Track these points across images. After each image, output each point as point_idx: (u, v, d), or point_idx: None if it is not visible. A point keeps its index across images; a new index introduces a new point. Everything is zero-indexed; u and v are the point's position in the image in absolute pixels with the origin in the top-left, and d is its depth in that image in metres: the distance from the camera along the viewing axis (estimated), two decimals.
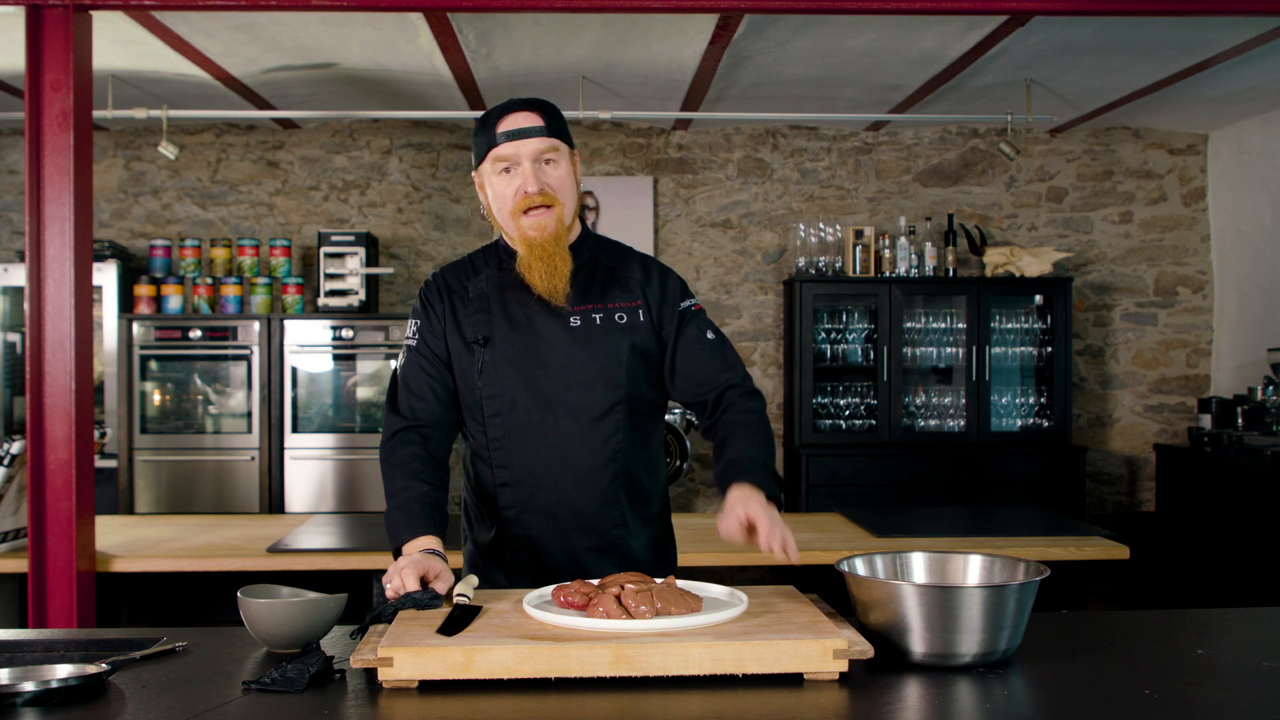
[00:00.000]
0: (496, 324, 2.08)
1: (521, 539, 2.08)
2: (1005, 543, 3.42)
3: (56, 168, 3.32)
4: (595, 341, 2.07)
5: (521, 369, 2.05)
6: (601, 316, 2.09)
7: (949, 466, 5.74)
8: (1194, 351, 6.33)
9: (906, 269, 5.87)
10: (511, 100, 2.08)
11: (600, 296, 2.11)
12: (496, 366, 2.06)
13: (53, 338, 3.32)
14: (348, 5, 3.54)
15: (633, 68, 4.97)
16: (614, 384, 2.06)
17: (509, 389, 2.05)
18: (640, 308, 2.11)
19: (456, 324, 2.11)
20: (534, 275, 2.04)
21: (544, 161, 2.04)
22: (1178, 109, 5.74)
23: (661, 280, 2.15)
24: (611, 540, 2.09)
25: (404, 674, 1.51)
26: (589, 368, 2.05)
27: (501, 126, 2.03)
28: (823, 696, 1.49)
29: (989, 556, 1.80)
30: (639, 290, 2.13)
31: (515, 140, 2.01)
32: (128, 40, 4.42)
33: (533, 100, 2.07)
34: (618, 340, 2.08)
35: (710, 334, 2.15)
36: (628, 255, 2.20)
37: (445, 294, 2.14)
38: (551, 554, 2.07)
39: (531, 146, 2.02)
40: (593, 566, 2.07)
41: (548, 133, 2.03)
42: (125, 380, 5.40)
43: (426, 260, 6.16)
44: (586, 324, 2.08)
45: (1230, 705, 1.48)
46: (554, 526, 2.07)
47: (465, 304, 2.11)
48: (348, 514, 5.04)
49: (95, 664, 1.56)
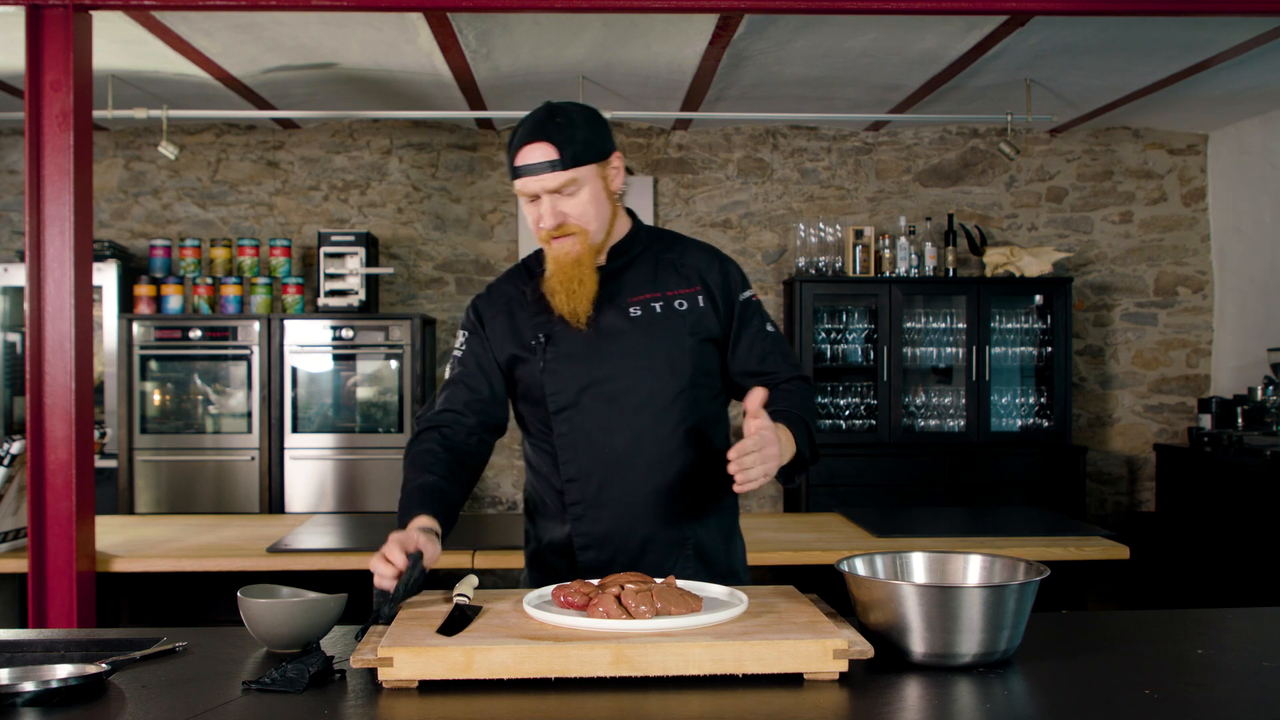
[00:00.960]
0: (557, 322, 2.07)
1: (591, 534, 2.07)
2: (1005, 543, 3.42)
3: (56, 168, 3.32)
4: (657, 330, 2.06)
5: (584, 364, 2.05)
6: (662, 305, 2.08)
7: (949, 466, 5.74)
8: (1194, 351, 6.33)
9: (906, 269, 5.87)
10: (526, 125, 2.01)
11: (659, 285, 2.10)
12: (560, 363, 2.05)
13: (53, 338, 3.32)
14: (348, 5, 3.54)
15: (633, 68, 4.97)
16: (678, 371, 2.06)
17: (573, 385, 2.05)
18: (700, 293, 2.10)
19: (515, 330, 2.11)
20: (556, 300, 2.03)
21: (561, 193, 1.99)
22: (1178, 109, 5.74)
23: (722, 267, 2.14)
24: (683, 531, 2.08)
25: (404, 674, 1.51)
26: (653, 357, 2.05)
27: (517, 159, 1.99)
28: (823, 696, 1.49)
29: (989, 556, 1.80)
30: (697, 276, 2.12)
31: (527, 177, 1.98)
32: (128, 40, 4.42)
33: (545, 127, 1.98)
34: (679, 327, 2.07)
35: (770, 326, 2.15)
36: (684, 243, 2.19)
37: (502, 304, 2.14)
38: (623, 547, 2.06)
39: (545, 184, 1.97)
40: (664, 558, 2.06)
41: (562, 166, 1.96)
42: (125, 380, 5.40)
43: (426, 260, 6.16)
44: (647, 313, 2.07)
45: (1230, 705, 1.48)
46: (625, 519, 2.05)
47: (524, 308, 2.11)
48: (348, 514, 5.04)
49: (95, 664, 1.56)
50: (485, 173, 6.17)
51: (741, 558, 2.22)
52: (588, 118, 2.03)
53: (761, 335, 2.13)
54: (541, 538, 2.15)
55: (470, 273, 6.18)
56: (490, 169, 6.17)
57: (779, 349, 2.14)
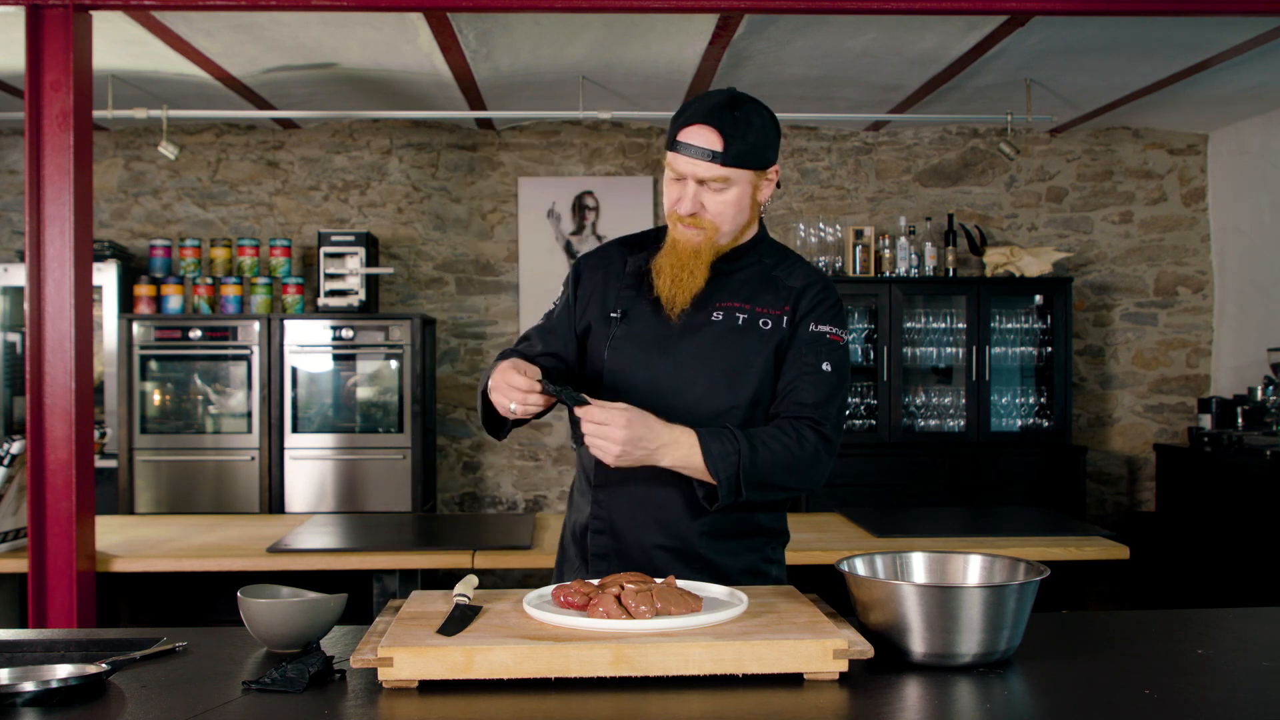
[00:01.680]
0: (640, 302, 2.03)
1: (605, 520, 2.03)
2: (1005, 543, 3.42)
3: (56, 168, 3.32)
4: (731, 340, 1.99)
5: (648, 351, 1.99)
6: (746, 317, 2.00)
7: (949, 466, 5.74)
8: (1194, 351, 6.33)
9: (906, 269, 5.87)
10: (706, 104, 1.92)
11: (751, 297, 2.02)
12: (626, 343, 2.01)
13: (53, 338, 3.32)
14: (348, 5, 3.54)
15: (633, 68, 4.97)
16: (739, 386, 1.97)
17: (631, 369, 1.99)
18: (786, 314, 2.01)
19: (604, 294, 2.07)
20: (661, 279, 1.99)
21: (709, 186, 1.93)
22: (1178, 109, 5.74)
23: (819, 296, 2.03)
24: (691, 548, 2.00)
25: (404, 674, 1.51)
26: (717, 366, 1.97)
27: (683, 135, 1.92)
28: (823, 696, 1.49)
29: (989, 556, 1.80)
30: (793, 297, 2.02)
31: (685, 156, 1.91)
32: (128, 40, 4.42)
33: (721, 114, 1.91)
34: (755, 344, 1.99)
35: (827, 366, 1.98)
36: (794, 262, 2.09)
37: (602, 264, 2.10)
38: (628, 543, 2.01)
39: (698, 170, 1.91)
40: (664, 567, 1.99)
41: (721, 160, 1.90)
42: (125, 380, 5.40)
43: (427, 260, 6.16)
44: (728, 320, 2.00)
45: (1230, 705, 1.48)
46: (636, 517, 2.00)
47: (619, 278, 2.07)
48: (348, 514, 5.05)
49: (95, 664, 1.56)
50: (485, 173, 6.17)
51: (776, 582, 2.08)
52: (764, 122, 1.96)
53: (811, 367, 1.98)
54: (574, 520, 2.11)
55: (470, 273, 6.18)
56: (490, 169, 6.17)
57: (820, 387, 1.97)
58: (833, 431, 1.96)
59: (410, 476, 5.41)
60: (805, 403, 1.96)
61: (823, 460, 1.94)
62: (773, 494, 1.95)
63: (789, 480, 1.93)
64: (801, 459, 1.91)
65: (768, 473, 1.89)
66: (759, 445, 1.88)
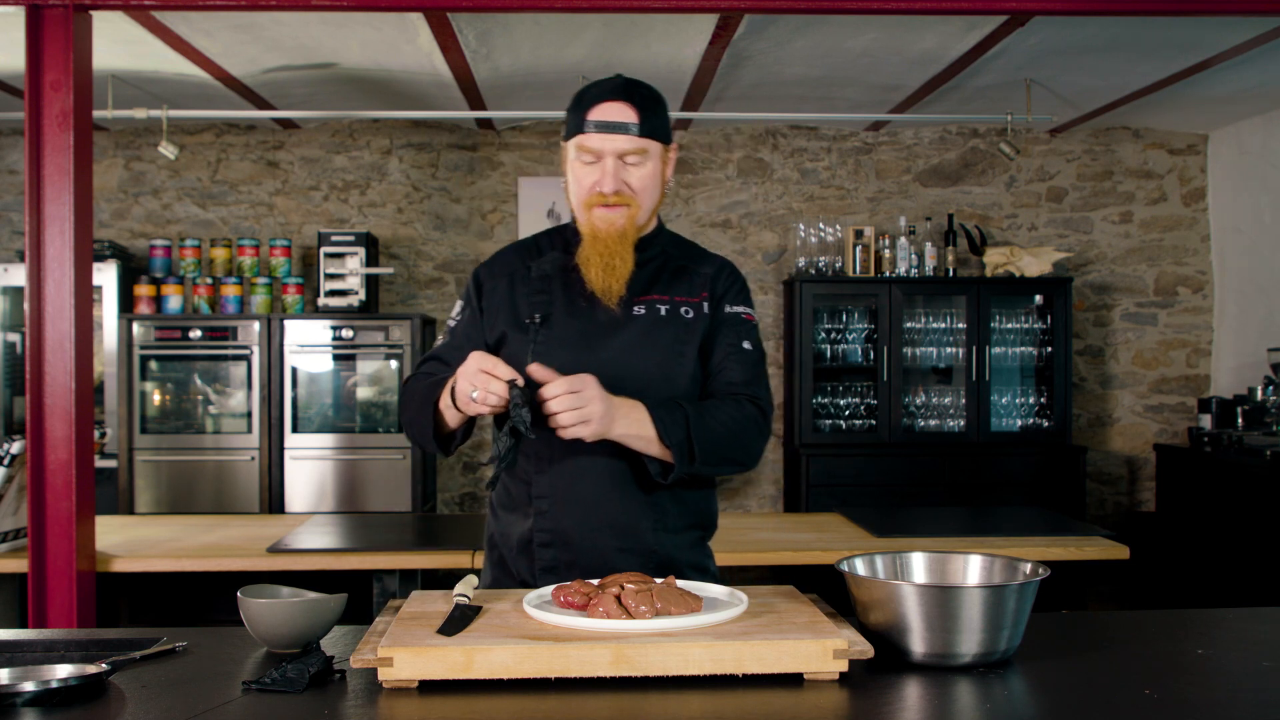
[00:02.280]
0: (556, 305, 2.00)
1: (553, 531, 1.99)
2: (1005, 543, 3.42)
3: (56, 168, 3.32)
4: (657, 333, 1.99)
5: (575, 353, 1.96)
6: (667, 309, 2.01)
7: (949, 466, 5.74)
8: (1194, 351, 6.33)
9: (906, 269, 5.87)
10: (610, 82, 1.95)
11: (667, 288, 2.03)
12: (550, 347, 1.96)
13: (53, 338, 3.32)
14: (348, 5, 3.54)
15: (633, 68, 4.97)
16: (671, 379, 1.98)
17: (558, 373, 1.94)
18: (705, 301, 2.03)
19: (512, 303, 2.04)
20: (591, 270, 1.96)
21: (628, 161, 1.94)
22: (1178, 109, 5.74)
23: (730, 279, 2.08)
24: (647, 544, 1.99)
25: (404, 674, 1.51)
26: (647, 359, 1.97)
27: (592, 114, 1.92)
28: (823, 696, 1.49)
29: (989, 556, 1.80)
30: (707, 284, 2.05)
31: (602, 134, 1.91)
32: (128, 40, 4.42)
33: (631, 87, 1.94)
34: (681, 334, 2.00)
35: (748, 344, 2.04)
36: (700, 253, 2.12)
37: (504, 273, 2.08)
38: (581, 551, 1.98)
39: (617, 144, 1.92)
40: (622, 567, 1.97)
41: (640, 131, 1.92)
42: (125, 380, 5.40)
43: (427, 260, 6.16)
44: (650, 314, 2.00)
45: (1230, 705, 1.48)
46: (587, 522, 1.97)
47: (525, 283, 2.05)
48: (348, 514, 5.05)
49: (95, 664, 1.56)
50: (485, 173, 6.17)
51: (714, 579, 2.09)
52: (661, 99, 1.99)
53: (735, 348, 2.03)
54: (506, 534, 2.06)
55: (470, 273, 6.18)
56: (490, 169, 6.17)
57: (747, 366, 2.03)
58: (767, 406, 2.02)
59: (410, 476, 5.41)
60: (736, 381, 2.01)
61: (762, 433, 2.00)
62: (720, 465, 1.98)
63: (733, 450, 1.97)
64: (744, 428, 1.96)
65: (715, 439, 1.92)
66: (705, 413, 1.93)
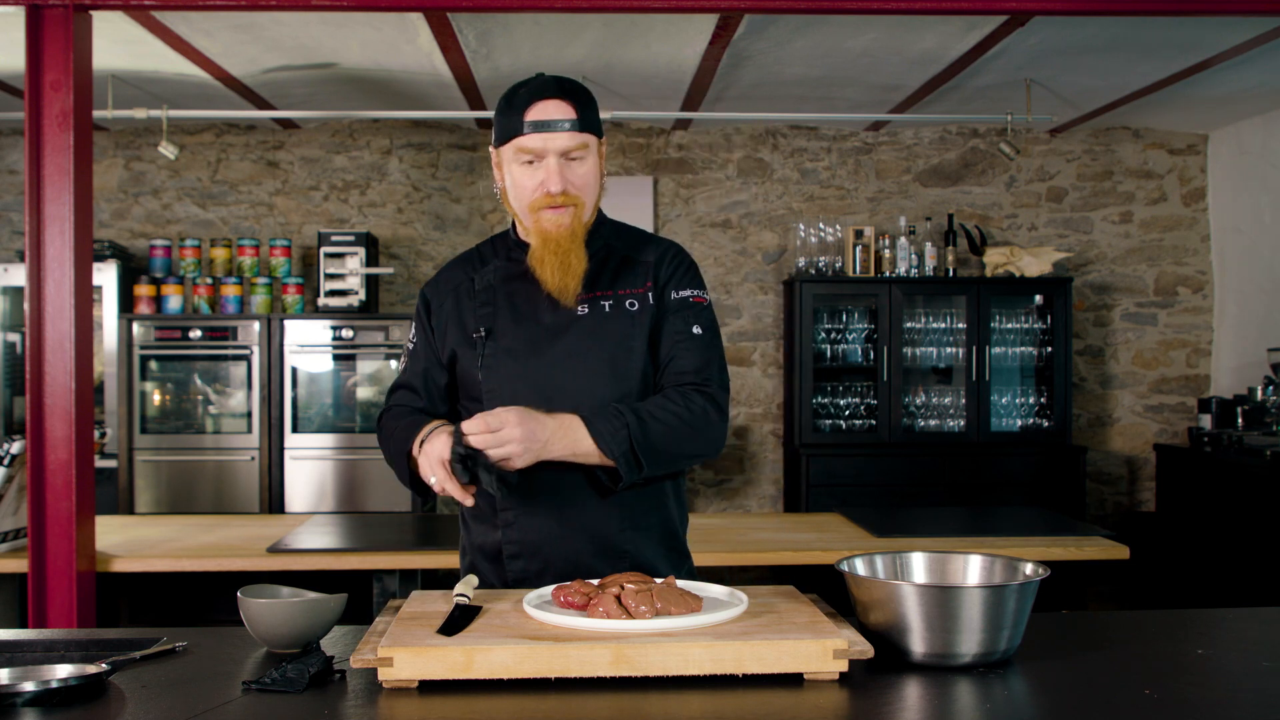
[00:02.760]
0: (500, 316, 2.00)
1: (522, 541, 1.99)
2: (1005, 543, 3.42)
3: (56, 168, 3.32)
4: (603, 330, 1.97)
5: (523, 361, 1.96)
6: (611, 304, 1.99)
7: (949, 466, 5.74)
8: (1194, 351, 6.33)
9: (906, 269, 5.87)
10: (541, 80, 1.93)
11: (611, 283, 2.01)
12: (497, 359, 1.97)
13: (53, 338, 3.32)
14: (348, 5, 3.54)
15: (633, 68, 4.97)
16: (623, 374, 1.96)
17: (509, 382, 1.96)
18: (650, 290, 2.01)
19: (460, 318, 2.03)
20: (546, 271, 1.94)
21: (570, 158, 1.93)
22: (1178, 109, 5.74)
23: (674, 263, 2.04)
24: (618, 544, 1.98)
25: (404, 674, 1.51)
26: (595, 358, 1.95)
27: (530, 114, 1.90)
28: (823, 696, 1.49)
29: (989, 556, 1.80)
30: (650, 272, 2.02)
31: (542, 133, 1.90)
32: (128, 40, 4.42)
33: (564, 85, 1.94)
34: (628, 328, 1.98)
35: (698, 329, 2.00)
36: (643, 240, 2.09)
37: (449, 289, 2.07)
38: (553, 557, 1.97)
39: (559, 142, 1.90)
40: (597, 570, 1.96)
41: (579, 127, 1.91)
42: (125, 380, 5.40)
43: (427, 260, 6.16)
44: (595, 312, 1.98)
45: (1230, 705, 1.48)
46: (556, 529, 1.96)
47: (471, 297, 2.04)
48: (348, 514, 5.04)
49: (95, 664, 1.56)
50: (485, 173, 6.17)
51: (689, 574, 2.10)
52: (590, 94, 2.00)
53: (684, 334, 1.99)
54: (476, 545, 2.06)
55: None
56: (490, 169, 6.16)
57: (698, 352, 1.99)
58: (719, 391, 1.98)
59: None
60: (685, 370, 1.98)
61: (714, 422, 1.96)
62: (674, 463, 1.96)
63: (686, 446, 1.94)
64: (693, 423, 1.93)
65: (662, 441, 1.90)
66: (646, 416, 1.89)
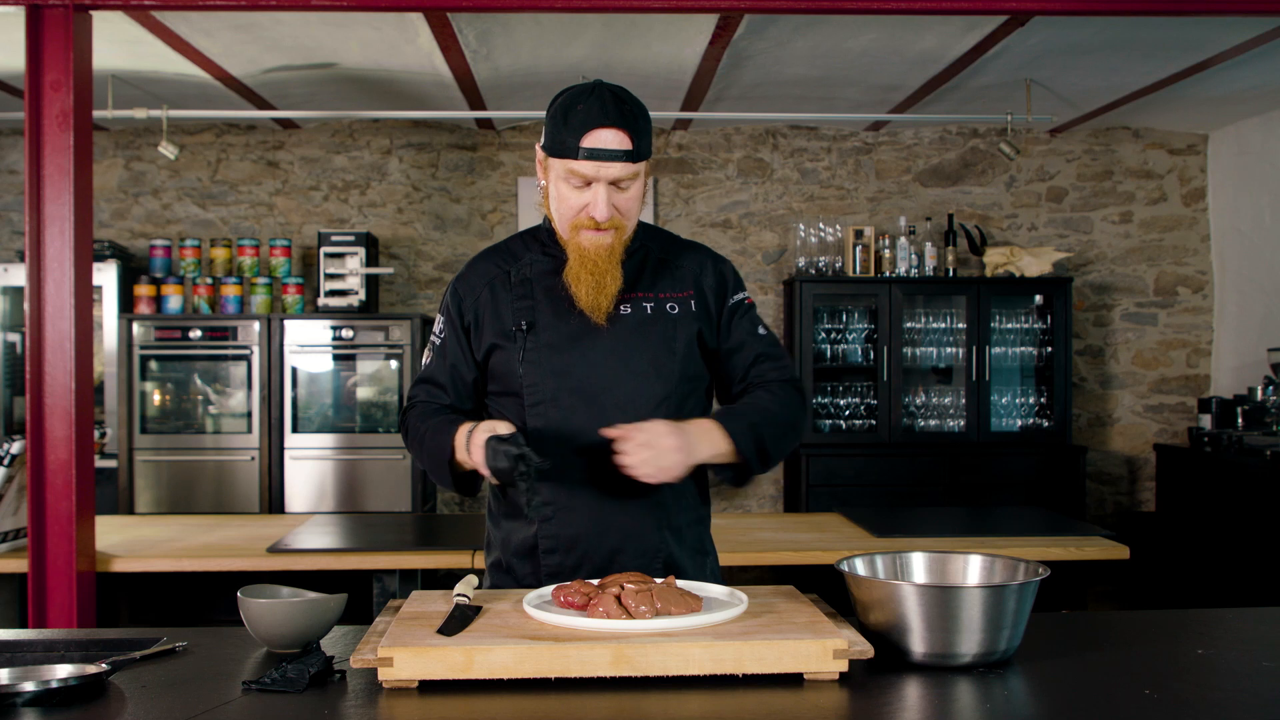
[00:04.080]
0: (541, 310, 1.99)
1: (560, 537, 1.98)
2: (1005, 543, 3.42)
3: (56, 168, 3.32)
4: (646, 330, 1.99)
5: (565, 357, 1.96)
6: (653, 305, 2.00)
7: (949, 466, 5.74)
8: (1194, 351, 6.33)
9: (906, 269, 5.87)
10: (601, 102, 1.90)
11: (651, 285, 2.03)
12: (539, 354, 1.97)
13: (53, 338, 3.32)
14: (348, 5, 3.54)
15: (633, 68, 4.97)
16: (665, 375, 1.98)
17: (551, 378, 1.96)
18: (692, 298, 2.03)
19: (496, 310, 2.02)
20: (580, 288, 1.94)
21: (619, 185, 1.92)
22: (1178, 109, 5.74)
23: (716, 268, 2.08)
24: (653, 544, 1.99)
25: (404, 674, 1.51)
26: (639, 356, 1.97)
27: (586, 141, 1.88)
28: (823, 696, 1.49)
29: (989, 556, 1.80)
30: (692, 279, 2.05)
31: (597, 161, 1.88)
32: (128, 40, 4.42)
33: (621, 112, 1.90)
34: (670, 329, 2.00)
35: (761, 330, 2.08)
36: (680, 244, 2.11)
37: (483, 282, 2.05)
38: (590, 551, 1.98)
39: (612, 171, 1.89)
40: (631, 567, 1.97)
41: (633, 158, 1.90)
42: (125, 380, 5.40)
43: (427, 260, 6.16)
44: (637, 313, 1.99)
45: (1230, 705, 1.48)
46: (594, 526, 1.97)
47: (508, 289, 2.02)
48: (348, 514, 5.04)
49: (95, 664, 1.56)
50: (485, 173, 6.17)
51: (714, 575, 2.12)
52: (648, 114, 1.96)
53: (753, 339, 2.06)
54: (508, 540, 2.06)
55: None
56: (490, 169, 6.17)
57: (770, 353, 2.07)
58: (800, 381, 2.09)
59: (410, 476, 5.41)
60: (767, 369, 2.06)
61: (806, 412, 2.09)
62: (783, 455, 2.03)
63: (793, 439, 2.04)
64: (797, 415, 2.04)
65: (780, 437, 1.99)
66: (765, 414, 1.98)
